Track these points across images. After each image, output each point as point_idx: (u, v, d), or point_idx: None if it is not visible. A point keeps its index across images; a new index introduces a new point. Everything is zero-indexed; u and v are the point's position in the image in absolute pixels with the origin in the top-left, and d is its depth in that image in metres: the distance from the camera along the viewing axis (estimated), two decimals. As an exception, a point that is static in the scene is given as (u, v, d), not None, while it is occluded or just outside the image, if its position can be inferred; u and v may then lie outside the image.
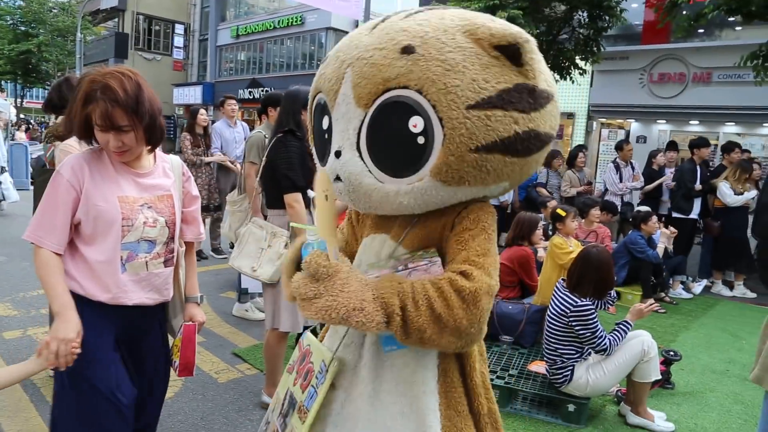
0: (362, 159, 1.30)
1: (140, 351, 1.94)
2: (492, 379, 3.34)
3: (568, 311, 3.14)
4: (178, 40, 31.24)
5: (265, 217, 3.26)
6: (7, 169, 8.30)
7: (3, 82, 27.85)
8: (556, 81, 10.19)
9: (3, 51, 25.23)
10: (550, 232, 4.99)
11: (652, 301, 3.74)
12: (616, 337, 3.13)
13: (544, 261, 4.55)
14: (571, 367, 3.19)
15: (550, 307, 3.30)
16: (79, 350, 1.69)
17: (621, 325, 3.19)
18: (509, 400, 3.32)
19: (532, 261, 4.53)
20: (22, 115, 25.48)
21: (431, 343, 1.21)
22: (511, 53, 1.21)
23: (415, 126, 1.22)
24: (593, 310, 3.09)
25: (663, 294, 6.10)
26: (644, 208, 6.55)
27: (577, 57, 9.86)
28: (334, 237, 1.32)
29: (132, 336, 1.90)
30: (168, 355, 2.07)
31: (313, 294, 1.20)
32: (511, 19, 8.18)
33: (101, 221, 1.75)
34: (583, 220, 5.70)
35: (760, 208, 2.44)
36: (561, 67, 9.93)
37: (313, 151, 1.51)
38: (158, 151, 1.97)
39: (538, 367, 3.56)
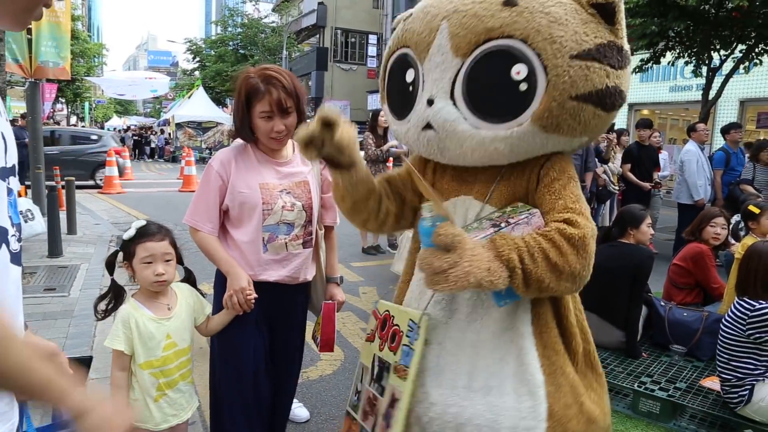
0: (456, 107, 1.38)
1: (281, 328, 2.16)
2: (653, 390, 3.08)
3: (745, 318, 2.76)
4: (372, 50, 33.22)
5: None
6: None
7: (227, 99, 32.39)
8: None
9: (228, 73, 29.36)
10: (742, 232, 4.35)
11: None
12: None
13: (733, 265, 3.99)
14: (749, 386, 2.79)
15: (726, 315, 2.93)
16: (254, 295, 1.97)
17: None
18: (672, 416, 3.01)
19: (707, 258, 3.96)
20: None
21: (550, 290, 1.30)
22: (606, 12, 1.32)
23: (518, 73, 1.31)
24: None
25: None
26: None
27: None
28: (445, 208, 1.36)
29: (274, 313, 2.12)
30: (303, 336, 2.28)
31: (449, 265, 1.20)
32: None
33: (245, 206, 1.99)
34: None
35: None
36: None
37: (387, 109, 1.60)
38: None
39: (714, 383, 3.17)
